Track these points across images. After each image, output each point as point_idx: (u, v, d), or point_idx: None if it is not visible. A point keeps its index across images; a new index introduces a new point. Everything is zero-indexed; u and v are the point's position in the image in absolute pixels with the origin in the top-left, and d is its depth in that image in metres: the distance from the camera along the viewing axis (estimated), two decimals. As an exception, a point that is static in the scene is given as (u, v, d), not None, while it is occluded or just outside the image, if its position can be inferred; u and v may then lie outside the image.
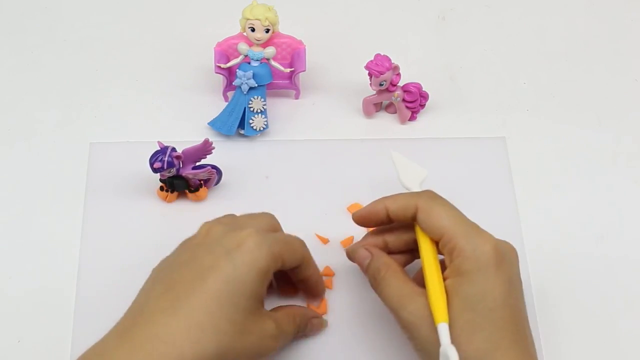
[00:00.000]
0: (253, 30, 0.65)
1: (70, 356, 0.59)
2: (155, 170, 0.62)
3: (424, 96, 0.69)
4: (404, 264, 0.58)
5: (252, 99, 0.67)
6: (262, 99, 0.68)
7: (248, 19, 0.65)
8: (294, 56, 0.69)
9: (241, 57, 0.67)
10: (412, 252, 0.58)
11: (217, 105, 0.70)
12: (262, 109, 0.68)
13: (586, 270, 0.64)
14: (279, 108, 0.71)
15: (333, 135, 0.70)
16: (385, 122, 0.71)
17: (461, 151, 0.69)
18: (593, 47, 0.77)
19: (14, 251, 0.63)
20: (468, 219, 0.54)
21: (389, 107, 0.71)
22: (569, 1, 0.80)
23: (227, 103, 0.70)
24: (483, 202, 0.66)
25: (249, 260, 0.50)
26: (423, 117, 0.71)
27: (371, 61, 0.66)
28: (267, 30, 0.65)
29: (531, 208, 0.66)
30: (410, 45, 0.76)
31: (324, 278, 0.61)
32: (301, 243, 0.56)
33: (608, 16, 0.79)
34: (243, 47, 0.66)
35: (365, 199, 0.61)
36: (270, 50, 0.67)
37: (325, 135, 0.70)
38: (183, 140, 0.65)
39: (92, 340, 0.55)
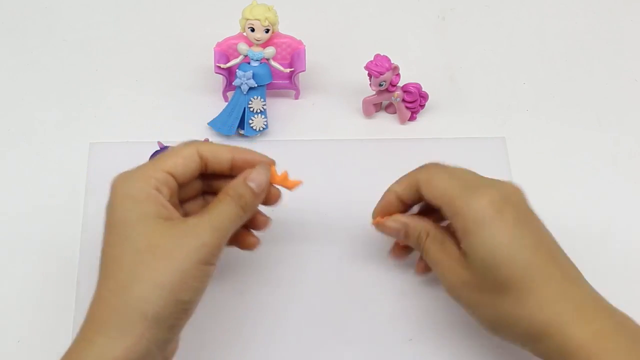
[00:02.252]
0: (253, 30, 0.65)
1: (70, 356, 0.59)
2: None
3: (423, 96, 0.69)
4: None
5: (252, 99, 0.68)
6: (262, 99, 0.68)
7: (248, 19, 0.65)
8: (294, 56, 0.69)
9: (241, 57, 0.67)
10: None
11: (217, 105, 0.70)
12: (262, 109, 0.68)
13: (586, 270, 0.64)
14: (279, 108, 0.71)
15: (333, 136, 0.70)
16: (385, 123, 0.71)
17: (461, 151, 0.69)
18: (593, 47, 0.77)
19: (14, 251, 0.63)
20: (468, 179, 0.55)
21: (389, 108, 0.71)
22: (569, 1, 0.80)
23: (227, 103, 0.70)
24: (483, 202, 0.66)
25: (118, 199, 0.51)
26: (423, 117, 0.71)
27: (371, 61, 0.66)
28: (267, 31, 0.65)
29: (531, 208, 0.66)
30: (410, 45, 0.76)
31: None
32: (190, 143, 0.54)
33: (608, 16, 0.79)
34: (243, 47, 0.67)
35: (365, 199, 0.61)
36: (270, 51, 0.67)
37: (325, 136, 0.70)
38: (183, 140, 0.65)
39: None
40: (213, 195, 0.55)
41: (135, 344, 0.47)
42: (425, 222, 0.57)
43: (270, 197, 0.56)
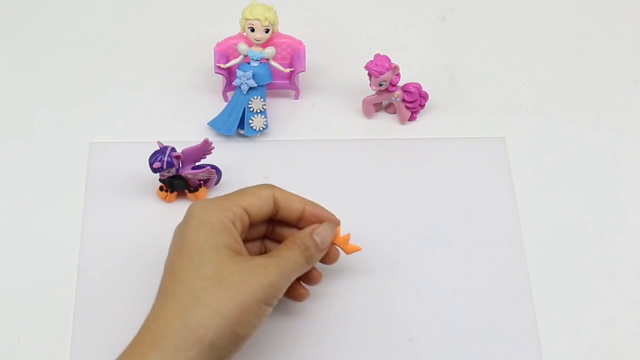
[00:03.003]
0: (253, 30, 0.65)
1: (70, 356, 0.59)
2: (154, 170, 0.62)
3: (423, 96, 0.69)
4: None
5: (251, 99, 0.67)
6: (262, 99, 0.68)
7: (248, 19, 0.65)
8: (294, 56, 0.69)
9: (241, 57, 0.67)
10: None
11: (217, 105, 0.70)
12: (262, 109, 0.68)
13: (586, 270, 0.64)
14: (279, 108, 0.71)
15: (333, 136, 0.70)
16: (385, 122, 0.71)
17: (461, 151, 0.69)
18: (593, 47, 0.76)
19: (13, 251, 0.63)
20: None
21: (389, 107, 0.71)
22: (569, 1, 0.80)
23: (226, 103, 0.70)
24: (483, 202, 0.66)
25: (194, 223, 0.52)
26: (423, 117, 0.71)
27: (371, 61, 0.66)
28: (267, 31, 0.65)
29: (531, 208, 0.66)
30: (410, 45, 0.76)
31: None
32: (267, 185, 0.56)
33: (608, 16, 0.79)
34: (243, 47, 0.66)
35: (365, 199, 0.61)
36: (269, 51, 0.67)
37: (325, 136, 0.70)
38: (183, 140, 0.65)
39: (91, 340, 0.56)
40: (271, 241, 0.59)
41: None
42: None
43: (329, 257, 0.58)
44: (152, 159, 0.61)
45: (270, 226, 0.58)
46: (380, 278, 0.63)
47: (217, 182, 0.66)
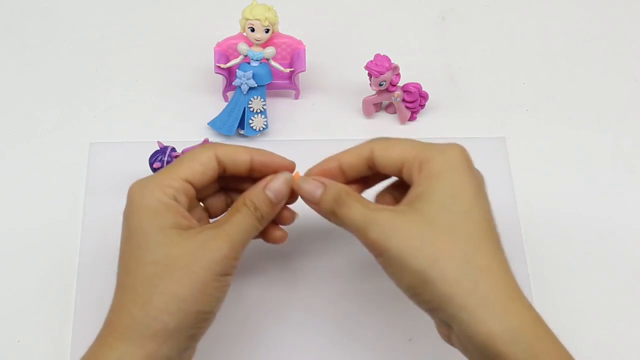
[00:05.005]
0: (253, 30, 0.65)
1: (70, 356, 0.59)
2: (154, 170, 0.62)
3: (423, 96, 0.69)
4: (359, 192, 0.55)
5: (251, 99, 0.68)
6: (262, 99, 0.68)
7: (248, 19, 0.65)
8: (294, 56, 0.69)
9: (241, 57, 0.67)
10: (365, 180, 0.55)
11: (217, 105, 0.70)
12: (262, 109, 0.68)
13: (586, 270, 0.64)
14: (279, 108, 0.71)
15: (333, 136, 0.70)
16: (385, 122, 0.71)
17: (461, 151, 0.69)
18: (593, 47, 0.76)
19: (13, 251, 0.63)
20: (426, 143, 0.52)
21: (389, 107, 0.71)
22: (569, 1, 0.80)
23: (227, 103, 0.70)
24: (483, 202, 0.66)
25: (134, 209, 0.50)
26: (423, 117, 0.71)
27: (371, 61, 0.66)
28: (267, 31, 0.65)
29: (531, 208, 0.66)
30: (410, 45, 0.76)
31: None
32: (207, 146, 0.53)
33: (608, 16, 0.79)
34: (243, 47, 0.67)
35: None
36: (269, 51, 0.67)
37: (325, 136, 0.70)
38: (183, 140, 0.65)
39: (91, 340, 0.55)
40: (233, 191, 0.56)
41: (155, 351, 0.48)
42: (345, 185, 0.53)
43: (282, 218, 0.55)
44: (152, 159, 0.61)
45: (223, 181, 0.55)
46: (380, 278, 0.62)
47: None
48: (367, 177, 0.55)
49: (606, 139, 0.71)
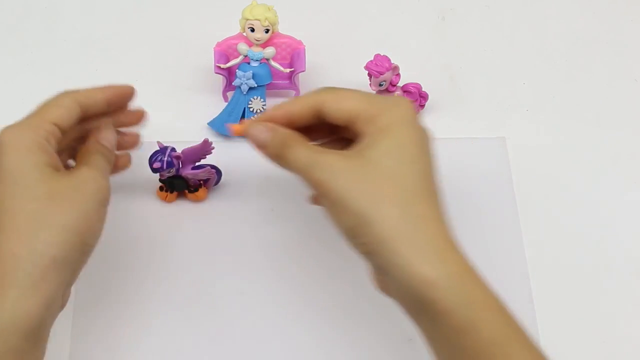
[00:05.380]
0: (253, 30, 0.65)
1: (70, 356, 0.59)
2: (154, 170, 0.62)
3: (423, 96, 0.69)
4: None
5: (251, 99, 0.68)
6: (262, 99, 0.68)
7: (248, 19, 0.65)
8: (294, 56, 0.69)
9: (241, 57, 0.67)
10: (310, 133, 0.55)
11: (217, 105, 0.70)
12: (262, 109, 0.68)
13: (586, 270, 0.64)
14: (279, 108, 0.71)
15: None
16: (385, 122, 0.71)
17: (461, 151, 0.69)
18: (593, 47, 0.76)
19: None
20: (376, 95, 0.54)
21: (389, 107, 0.71)
22: (569, 1, 0.80)
23: (227, 103, 0.70)
24: (483, 202, 0.66)
25: (10, 149, 0.50)
26: (423, 117, 0.71)
27: (371, 61, 0.66)
28: (267, 31, 0.65)
29: (531, 208, 0.66)
30: (410, 45, 0.76)
31: None
32: (66, 93, 0.55)
33: (608, 16, 0.79)
34: (243, 47, 0.67)
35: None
36: (269, 51, 0.67)
37: (325, 136, 0.70)
38: (183, 140, 0.65)
39: (91, 340, 0.55)
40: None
41: (46, 289, 0.48)
42: (293, 131, 0.53)
43: (127, 144, 0.60)
44: (152, 159, 0.61)
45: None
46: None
47: (217, 182, 0.66)
48: (313, 131, 0.55)
49: (606, 139, 0.71)
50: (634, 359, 0.60)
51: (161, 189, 0.65)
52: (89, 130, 0.57)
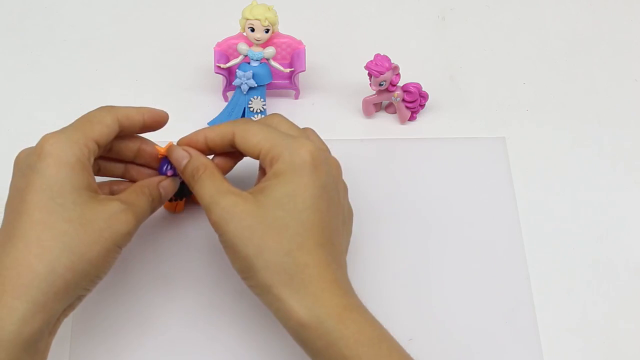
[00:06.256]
0: (253, 30, 0.65)
1: (70, 356, 0.59)
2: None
3: (423, 96, 0.69)
4: (225, 170, 0.59)
5: (251, 99, 0.68)
6: (262, 99, 0.68)
7: (248, 19, 0.65)
8: (294, 56, 0.69)
9: (241, 57, 0.67)
10: (233, 155, 0.59)
11: (217, 105, 0.70)
12: (262, 109, 0.68)
13: (586, 269, 0.64)
14: (279, 108, 0.71)
15: (333, 135, 0.70)
16: (385, 122, 0.71)
17: (461, 151, 0.69)
18: (593, 47, 0.77)
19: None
20: (286, 134, 0.55)
21: (389, 107, 0.71)
22: (569, 1, 0.80)
23: (227, 103, 0.70)
24: (483, 202, 0.66)
25: (52, 162, 0.50)
26: (423, 117, 0.71)
27: (371, 61, 0.66)
28: (267, 31, 0.65)
29: (531, 208, 0.66)
30: (410, 45, 0.76)
31: None
32: (108, 109, 0.55)
33: (608, 16, 0.79)
34: (243, 47, 0.67)
35: (364, 199, 0.61)
36: (269, 51, 0.67)
37: (325, 135, 0.69)
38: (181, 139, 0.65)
39: (90, 341, 0.55)
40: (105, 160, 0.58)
41: (55, 310, 0.49)
42: (209, 160, 0.57)
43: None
44: (163, 168, 0.60)
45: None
46: (379, 277, 0.63)
47: None
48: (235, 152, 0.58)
49: (606, 139, 0.71)
50: (634, 359, 0.60)
51: (170, 200, 0.64)
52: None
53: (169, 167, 0.59)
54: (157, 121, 0.58)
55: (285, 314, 0.51)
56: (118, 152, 0.58)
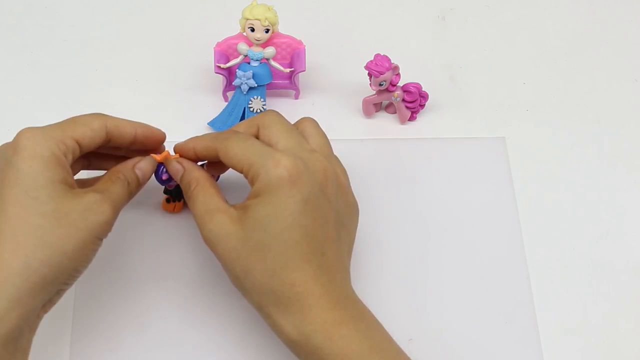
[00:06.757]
0: (253, 30, 0.65)
1: (70, 356, 0.59)
2: (163, 182, 0.60)
3: (423, 96, 0.69)
4: (218, 173, 0.60)
5: (251, 99, 0.68)
6: (262, 99, 0.68)
7: (248, 19, 0.65)
8: (294, 56, 0.69)
9: (241, 57, 0.67)
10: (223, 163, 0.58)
11: (217, 105, 0.70)
12: (262, 109, 0.68)
13: (586, 269, 0.64)
14: (279, 108, 0.71)
15: (333, 135, 0.69)
16: (385, 122, 0.71)
17: (461, 151, 0.69)
18: (593, 47, 0.77)
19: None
20: (266, 146, 0.54)
21: (389, 107, 0.71)
22: (569, 1, 0.80)
23: (227, 103, 0.70)
24: (483, 202, 0.66)
25: (27, 155, 0.50)
26: (423, 117, 0.71)
27: (371, 61, 0.66)
28: (267, 31, 0.65)
29: (531, 208, 0.66)
30: (410, 45, 0.76)
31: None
32: (98, 115, 0.55)
33: (608, 16, 0.79)
34: (243, 47, 0.67)
35: (364, 199, 0.61)
36: (269, 50, 0.67)
37: (325, 135, 0.70)
38: (183, 140, 0.64)
39: (90, 341, 0.55)
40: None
41: (31, 306, 0.48)
42: (201, 173, 0.57)
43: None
44: (160, 171, 0.60)
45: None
46: (379, 278, 0.63)
47: (216, 181, 0.66)
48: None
49: (606, 139, 0.71)
50: (634, 359, 0.60)
51: (167, 200, 0.64)
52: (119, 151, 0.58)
53: (164, 169, 0.59)
54: (151, 139, 0.58)
55: (276, 330, 0.53)
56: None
